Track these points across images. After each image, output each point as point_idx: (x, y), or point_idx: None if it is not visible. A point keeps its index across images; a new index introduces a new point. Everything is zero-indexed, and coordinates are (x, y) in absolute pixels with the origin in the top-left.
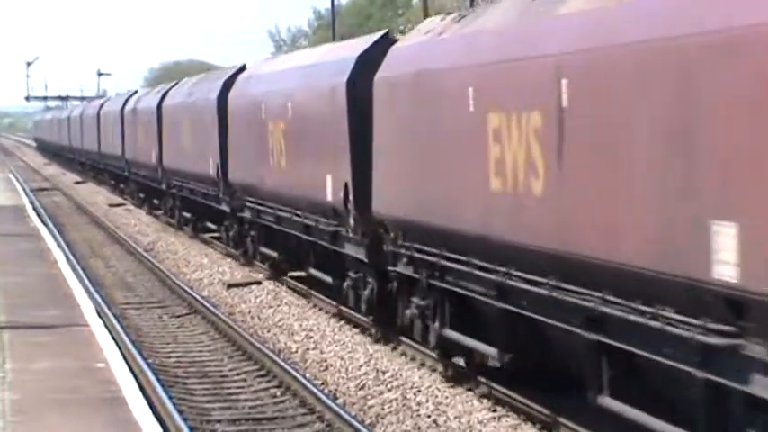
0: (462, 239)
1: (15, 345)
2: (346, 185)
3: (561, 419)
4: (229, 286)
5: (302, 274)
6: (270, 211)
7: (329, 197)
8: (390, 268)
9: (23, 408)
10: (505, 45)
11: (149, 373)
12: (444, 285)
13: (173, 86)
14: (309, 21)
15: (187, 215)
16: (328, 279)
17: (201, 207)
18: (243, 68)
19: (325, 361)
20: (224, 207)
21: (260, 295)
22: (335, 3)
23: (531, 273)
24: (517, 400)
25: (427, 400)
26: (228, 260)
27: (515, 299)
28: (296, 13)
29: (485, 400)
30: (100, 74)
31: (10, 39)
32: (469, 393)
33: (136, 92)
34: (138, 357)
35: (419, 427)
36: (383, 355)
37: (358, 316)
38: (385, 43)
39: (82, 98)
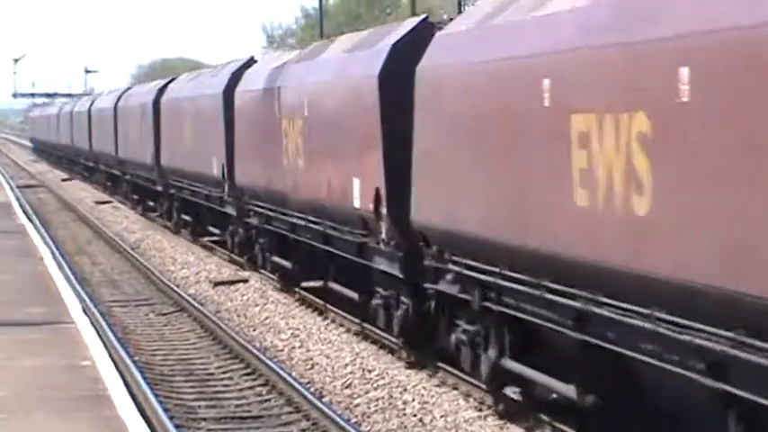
0: (275, 196)
1: (1, 342)
2: (223, 165)
3: (546, 419)
4: (216, 284)
5: (216, 238)
6: (186, 186)
7: (215, 172)
8: (247, 220)
9: (9, 406)
10: (287, 77)
11: (135, 371)
12: (271, 228)
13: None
14: (297, 19)
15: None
16: (217, 231)
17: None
18: (173, 79)
19: (312, 359)
20: (159, 187)
21: (246, 293)
22: (323, 1)
23: (296, 211)
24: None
25: (413, 399)
26: (215, 258)
27: (297, 231)
28: (285, 11)
29: (471, 399)
30: (87, 71)
31: None
32: (456, 392)
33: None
34: (124, 355)
35: (405, 426)
36: (369, 354)
37: (347, 315)
38: (247, 66)
39: (69, 95)
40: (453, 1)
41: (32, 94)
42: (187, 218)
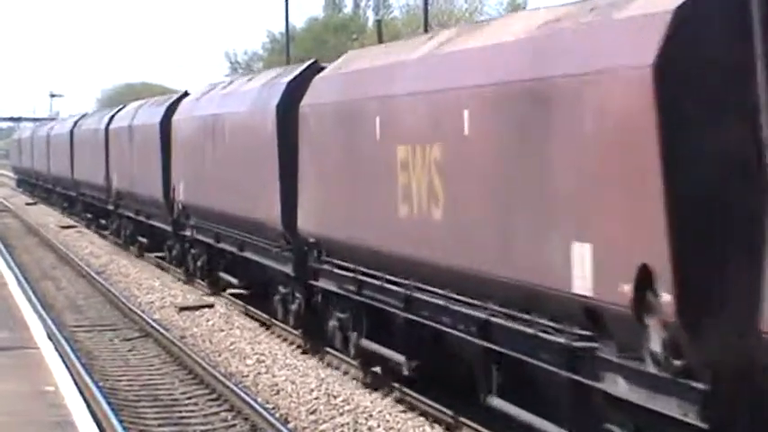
0: (204, 212)
1: None
2: (161, 186)
3: None
4: (181, 309)
5: (162, 254)
6: (130, 205)
7: (154, 192)
8: (182, 234)
9: None
10: (212, 108)
11: (100, 397)
12: (200, 240)
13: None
14: (264, 44)
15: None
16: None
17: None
18: (123, 107)
19: (277, 385)
20: (111, 207)
21: (212, 319)
22: (290, 27)
23: (220, 224)
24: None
25: (379, 425)
26: (180, 283)
27: (221, 241)
28: (251, 36)
29: (437, 426)
30: (53, 95)
31: None
32: (421, 419)
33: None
34: (89, 381)
35: None
36: (335, 380)
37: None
38: (182, 98)
39: (35, 119)
40: (420, 27)
41: None
42: (143, 240)
